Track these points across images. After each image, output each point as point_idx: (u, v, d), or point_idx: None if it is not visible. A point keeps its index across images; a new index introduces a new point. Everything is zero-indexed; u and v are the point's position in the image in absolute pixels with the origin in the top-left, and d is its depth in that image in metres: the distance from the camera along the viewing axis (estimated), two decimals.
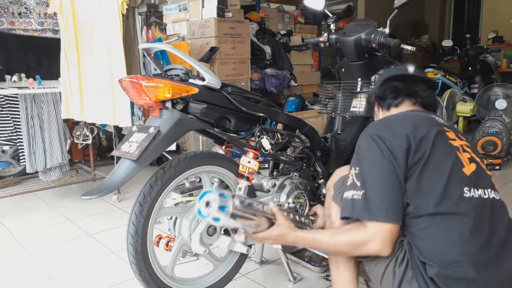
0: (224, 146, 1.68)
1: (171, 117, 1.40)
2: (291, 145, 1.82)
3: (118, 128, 3.12)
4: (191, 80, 1.47)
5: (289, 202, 1.72)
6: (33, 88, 2.99)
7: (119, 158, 1.39)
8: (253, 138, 1.62)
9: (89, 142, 3.36)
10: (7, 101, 3.01)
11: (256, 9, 5.20)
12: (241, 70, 4.18)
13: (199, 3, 4.08)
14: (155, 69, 2.03)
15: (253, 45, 4.44)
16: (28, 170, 3.13)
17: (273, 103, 1.77)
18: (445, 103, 4.08)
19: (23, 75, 3.17)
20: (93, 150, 3.58)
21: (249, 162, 1.58)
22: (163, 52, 3.31)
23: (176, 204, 1.55)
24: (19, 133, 3.07)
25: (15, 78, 3.15)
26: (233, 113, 1.57)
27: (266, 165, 1.93)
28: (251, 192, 1.67)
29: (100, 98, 2.75)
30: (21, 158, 3.10)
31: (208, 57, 3.83)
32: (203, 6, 4.06)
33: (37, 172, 3.18)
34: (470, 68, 5.65)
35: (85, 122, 3.22)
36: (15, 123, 3.06)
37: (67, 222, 2.71)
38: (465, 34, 6.88)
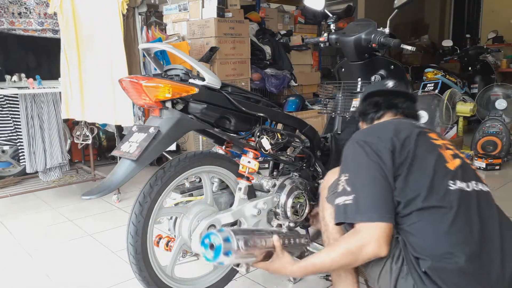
0: (224, 146, 1.68)
1: (171, 117, 1.40)
2: (291, 145, 1.82)
3: (120, 127, 3.12)
4: (191, 80, 1.47)
5: (288, 206, 1.72)
6: (33, 88, 2.99)
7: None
8: (253, 138, 1.62)
9: (89, 142, 3.36)
10: (7, 101, 3.02)
11: (256, 9, 5.20)
12: (241, 70, 4.18)
13: (199, 3, 4.08)
14: (155, 69, 2.03)
15: (253, 45, 4.44)
16: (28, 170, 3.13)
17: (273, 103, 1.77)
18: (445, 103, 4.07)
19: (23, 75, 3.17)
20: (93, 150, 3.58)
21: (249, 162, 1.58)
22: (163, 52, 3.31)
23: (176, 204, 1.55)
24: (19, 133, 3.07)
25: (15, 78, 3.15)
26: (233, 113, 1.57)
27: (266, 165, 1.93)
28: (251, 192, 1.68)
29: (101, 97, 2.75)
30: (21, 158, 3.10)
31: (208, 57, 3.83)
32: (203, 6, 4.06)
33: (37, 172, 3.18)
34: (470, 68, 5.65)
35: (85, 122, 3.22)
36: (15, 123, 3.06)
37: (67, 222, 2.71)
38: (465, 34, 6.89)
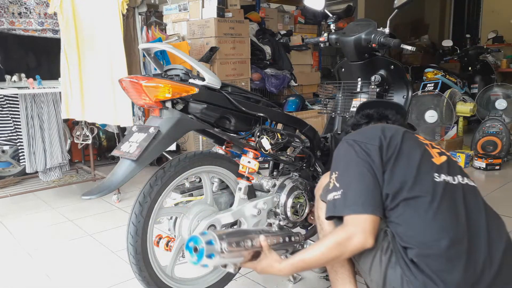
0: (224, 146, 1.68)
1: (171, 117, 1.40)
2: (291, 145, 1.82)
3: (122, 128, 3.12)
4: (191, 80, 1.47)
5: (288, 205, 1.72)
6: (33, 88, 2.99)
7: None
8: (253, 138, 1.62)
9: (89, 142, 3.36)
10: (7, 101, 3.02)
11: (256, 9, 5.20)
12: (241, 70, 4.18)
13: (199, 3, 4.08)
14: (155, 69, 2.03)
15: (253, 45, 4.44)
16: (28, 170, 3.13)
17: (273, 103, 1.77)
18: (446, 102, 4.07)
19: (23, 75, 3.17)
20: (93, 150, 3.58)
21: (249, 162, 1.58)
22: (163, 52, 3.31)
23: (176, 204, 1.54)
24: (19, 133, 3.07)
25: (15, 78, 3.15)
26: (233, 113, 1.57)
27: (266, 165, 1.93)
28: (251, 192, 1.68)
29: (101, 97, 2.75)
30: (21, 158, 3.10)
31: (208, 57, 3.83)
32: (203, 6, 4.06)
33: (37, 172, 3.18)
34: (470, 68, 5.65)
35: (85, 122, 3.22)
36: (15, 123, 3.06)
37: (67, 222, 2.71)
38: (465, 34, 6.88)
